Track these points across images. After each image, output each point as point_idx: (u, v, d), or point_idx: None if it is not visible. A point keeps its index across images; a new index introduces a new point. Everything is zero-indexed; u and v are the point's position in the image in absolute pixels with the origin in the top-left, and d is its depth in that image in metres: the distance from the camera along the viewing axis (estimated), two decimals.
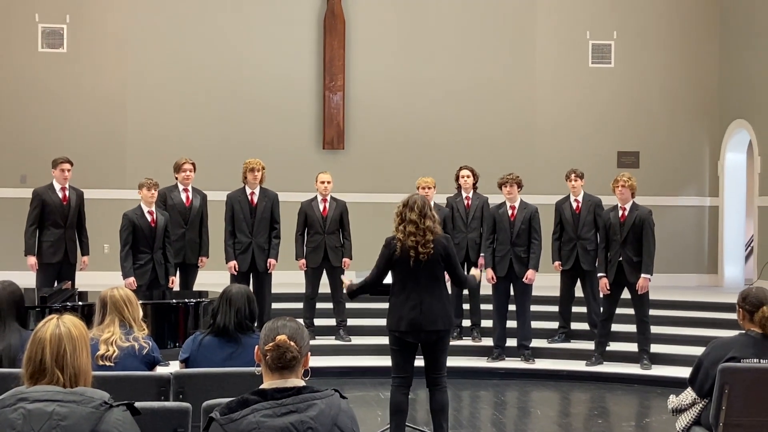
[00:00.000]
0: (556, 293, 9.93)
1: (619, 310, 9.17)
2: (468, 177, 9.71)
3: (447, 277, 6.19)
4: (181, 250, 9.14)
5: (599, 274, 9.01)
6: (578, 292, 9.75)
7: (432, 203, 9.07)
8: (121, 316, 4.65)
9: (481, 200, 9.76)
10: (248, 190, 9.29)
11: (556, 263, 9.70)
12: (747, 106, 12.80)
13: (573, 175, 9.71)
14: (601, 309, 9.21)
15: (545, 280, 10.00)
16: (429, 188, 9.17)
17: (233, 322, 4.76)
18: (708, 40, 13.44)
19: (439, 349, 6.13)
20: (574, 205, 9.69)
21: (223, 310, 4.77)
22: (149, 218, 8.66)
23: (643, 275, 8.75)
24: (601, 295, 9.13)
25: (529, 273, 9.07)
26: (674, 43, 13.44)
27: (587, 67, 13.32)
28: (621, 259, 8.81)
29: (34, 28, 12.58)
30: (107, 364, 4.48)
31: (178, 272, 9.15)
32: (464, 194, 9.75)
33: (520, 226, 9.11)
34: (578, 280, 9.72)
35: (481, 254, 9.54)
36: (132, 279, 8.51)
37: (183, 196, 9.28)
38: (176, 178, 9.34)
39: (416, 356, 6.22)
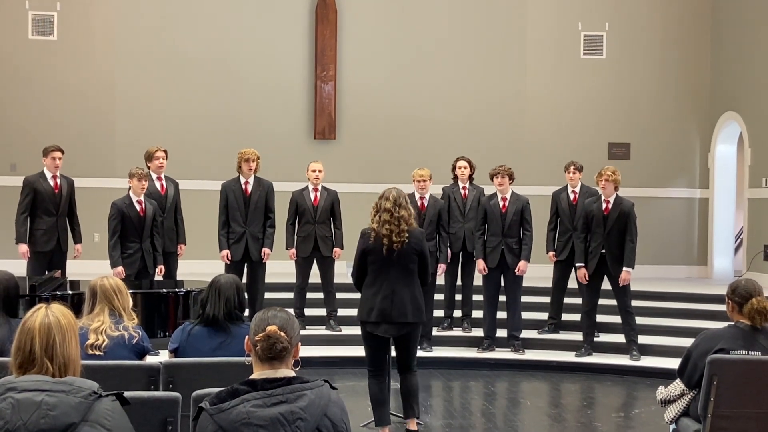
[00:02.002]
0: (547, 284, 9.94)
1: (608, 301, 9.21)
2: (465, 168, 9.71)
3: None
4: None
5: (578, 264, 9.05)
6: (571, 283, 9.76)
7: (428, 195, 9.14)
8: (110, 306, 4.64)
9: (477, 191, 9.75)
10: (242, 180, 9.27)
11: (551, 253, 9.72)
12: (738, 99, 12.82)
13: (572, 168, 9.72)
14: (584, 300, 9.24)
15: (536, 271, 10.01)
16: (424, 180, 9.15)
17: (222, 312, 4.75)
18: (700, 32, 13.45)
19: (409, 341, 6.23)
20: (572, 196, 9.71)
21: (213, 300, 4.76)
22: (138, 207, 8.62)
23: (625, 268, 8.80)
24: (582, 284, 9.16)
25: (522, 264, 9.08)
26: (666, 34, 13.44)
27: (579, 58, 13.31)
28: (603, 251, 8.85)
29: (25, 15, 12.50)
30: (97, 353, 4.47)
31: None
32: (461, 185, 9.74)
33: (512, 218, 9.12)
34: (572, 270, 9.73)
35: None
36: (120, 268, 8.47)
37: (157, 184, 9.21)
38: (148, 167, 9.23)
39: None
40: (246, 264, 9.26)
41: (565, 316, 9.88)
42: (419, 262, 6.15)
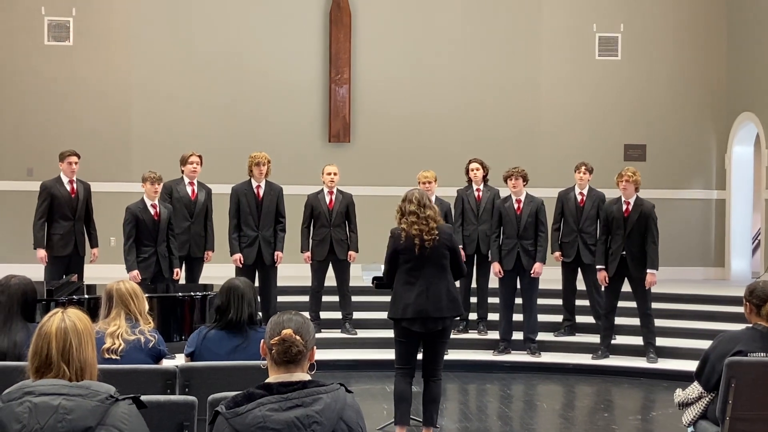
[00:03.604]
0: (559, 286, 9.91)
1: (625, 304, 9.17)
2: (477, 170, 9.69)
3: None
4: (186, 244, 9.14)
5: (598, 267, 9.02)
6: (580, 284, 9.74)
7: (433, 197, 9.13)
8: (127, 310, 4.65)
9: (492, 192, 9.74)
10: (254, 184, 9.28)
11: (556, 254, 9.70)
12: (754, 99, 12.75)
13: (583, 168, 9.69)
14: (603, 302, 9.23)
15: (547, 273, 9.98)
16: (429, 182, 9.15)
17: (246, 316, 4.77)
18: (715, 32, 13.39)
19: (441, 339, 6.27)
20: (579, 198, 9.68)
21: (235, 305, 4.77)
22: (152, 212, 8.66)
23: (649, 271, 8.74)
24: (602, 288, 9.16)
25: (537, 266, 9.06)
26: (681, 35, 13.38)
27: (594, 60, 13.27)
28: (624, 252, 8.80)
29: (41, 20, 12.57)
30: (113, 357, 4.48)
31: (183, 265, 9.17)
32: (474, 186, 9.73)
33: (527, 220, 9.10)
34: (579, 272, 9.72)
35: None
36: (136, 272, 8.51)
37: (188, 189, 9.27)
38: (182, 171, 9.33)
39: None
40: (257, 268, 9.26)
41: (580, 319, 9.85)
42: (451, 258, 6.21)
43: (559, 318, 9.91)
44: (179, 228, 9.05)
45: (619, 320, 9.36)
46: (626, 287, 9.02)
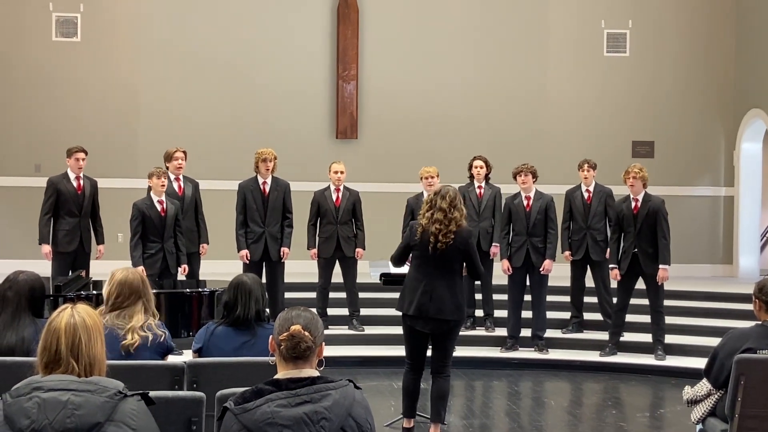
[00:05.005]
0: (567, 283, 9.89)
1: (633, 301, 9.14)
2: (481, 167, 9.69)
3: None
4: None
5: (611, 265, 9.00)
6: (588, 281, 9.73)
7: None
8: (146, 305, 4.55)
9: (493, 190, 9.74)
10: (260, 180, 9.27)
11: (566, 253, 9.69)
12: (763, 95, 12.70)
13: (586, 166, 9.69)
14: (615, 300, 9.21)
15: (555, 270, 9.97)
16: (432, 177, 9.13)
17: (254, 312, 4.76)
18: (724, 28, 13.34)
19: (447, 339, 6.26)
20: (586, 195, 9.68)
21: (243, 301, 4.76)
22: (159, 207, 8.65)
23: (661, 266, 8.71)
24: (614, 285, 9.14)
25: (546, 263, 9.05)
26: (690, 32, 13.34)
27: (602, 56, 13.24)
28: (636, 250, 8.78)
29: (48, 17, 12.59)
30: (132, 351, 4.39)
31: None
32: (476, 184, 9.73)
33: (536, 216, 9.09)
34: (588, 270, 9.71)
35: (495, 244, 9.53)
36: (141, 268, 8.47)
37: (175, 185, 9.21)
38: (167, 168, 9.27)
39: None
40: (264, 264, 9.26)
41: (588, 316, 9.84)
42: (467, 260, 6.17)
43: (567, 315, 9.89)
44: None
45: (626, 317, 9.33)
46: (639, 284, 8.99)
